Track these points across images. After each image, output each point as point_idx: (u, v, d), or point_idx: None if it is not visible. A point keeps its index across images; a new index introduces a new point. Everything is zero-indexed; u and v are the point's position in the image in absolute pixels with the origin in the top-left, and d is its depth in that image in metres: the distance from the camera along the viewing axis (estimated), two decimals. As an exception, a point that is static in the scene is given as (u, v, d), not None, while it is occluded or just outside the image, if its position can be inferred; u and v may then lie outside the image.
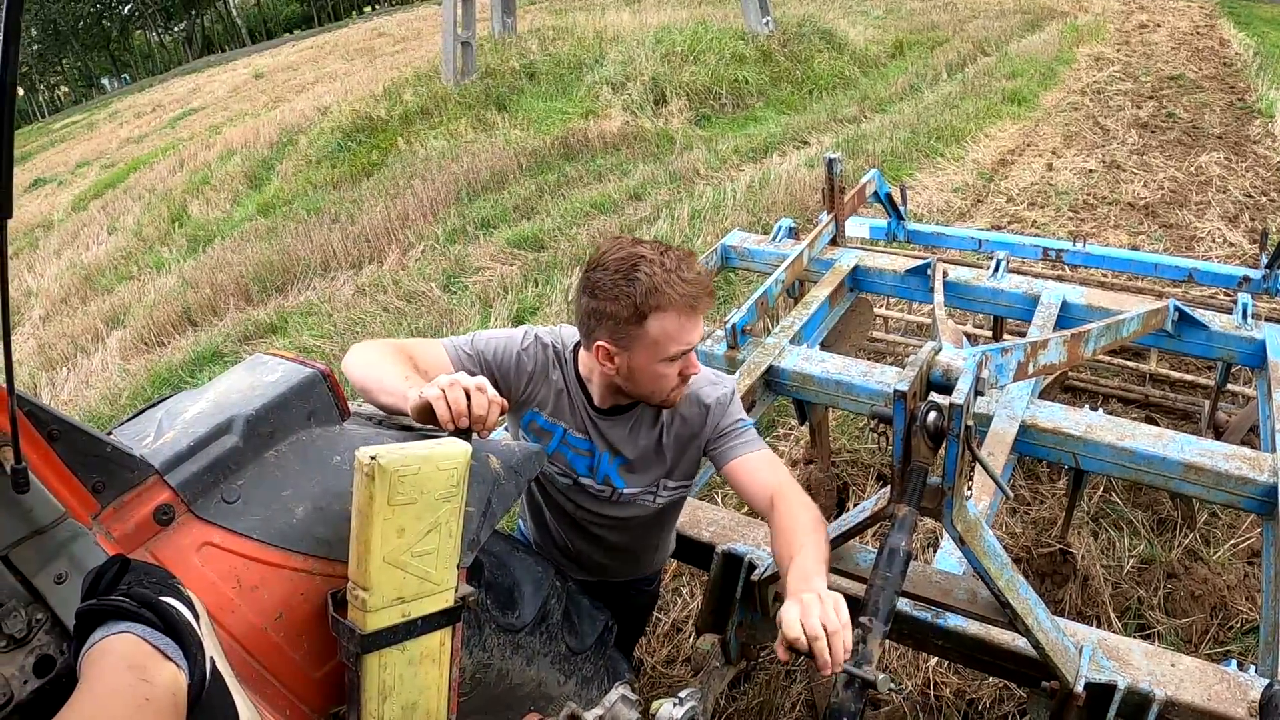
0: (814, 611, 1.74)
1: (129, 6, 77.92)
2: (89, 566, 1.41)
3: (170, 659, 1.28)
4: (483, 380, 1.87)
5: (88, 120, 39.87)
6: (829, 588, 1.84)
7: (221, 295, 10.04)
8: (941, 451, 1.88)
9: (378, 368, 2.10)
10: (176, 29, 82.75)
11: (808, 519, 2.13)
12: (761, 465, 2.35)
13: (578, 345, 2.43)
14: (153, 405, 1.92)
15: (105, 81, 75.98)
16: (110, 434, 1.72)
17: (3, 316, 1.27)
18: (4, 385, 1.29)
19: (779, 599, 2.67)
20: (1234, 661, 2.42)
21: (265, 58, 42.29)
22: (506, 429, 2.96)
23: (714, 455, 2.43)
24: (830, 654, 1.71)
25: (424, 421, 1.86)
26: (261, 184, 15.48)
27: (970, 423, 1.82)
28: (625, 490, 2.52)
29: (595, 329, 2.20)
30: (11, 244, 15.39)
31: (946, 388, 1.89)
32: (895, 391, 1.85)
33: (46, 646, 1.39)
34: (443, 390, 1.81)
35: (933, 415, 1.87)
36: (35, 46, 72.13)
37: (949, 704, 3.63)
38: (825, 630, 1.71)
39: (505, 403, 1.93)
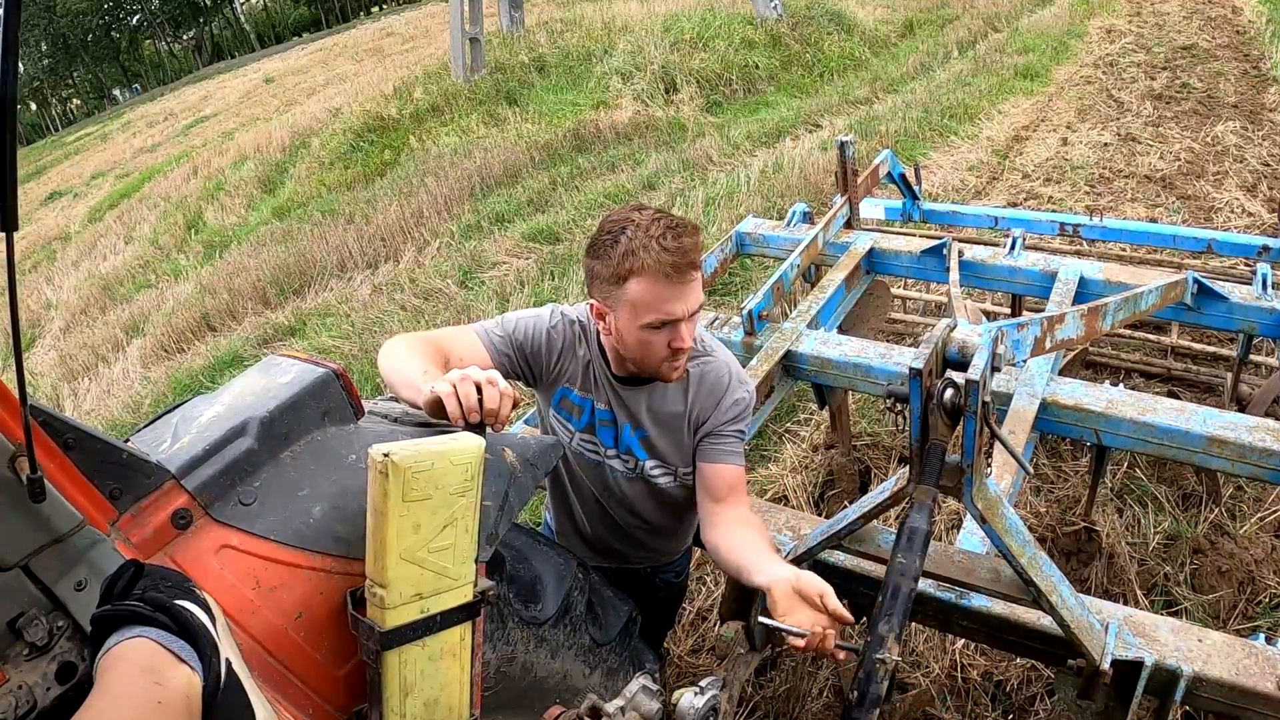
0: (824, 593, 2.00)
1: (137, 17, 78.30)
2: (108, 573, 1.41)
3: (184, 662, 1.28)
4: (494, 374, 1.86)
5: (101, 131, 40.19)
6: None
7: (239, 300, 10.09)
8: (959, 429, 1.86)
9: (402, 363, 2.12)
10: (185, 37, 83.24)
11: (759, 525, 2.39)
12: (734, 478, 2.45)
13: None
14: (169, 411, 1.92)
15: (117, 92, 76.54)
16: (128, 441, 1.72)
17: (14, 328, 1.28)
18: (18, 396, 1.29)
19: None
20: (1262, 635, 2.39)
21: (275, 62, 42.49)
22: (527, 422, 2.96)
23: (707, 447, 2.47)
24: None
25: (438, 416, 1.86)
26: (275, 188, 15.55)
27: (988, 399, 1.80)
28: (647, 463, 2.54)
29: (590, 286, 2.28)
30: (29, 257, 15.59)
31: (963, 364, 1.87)
32: (911, 369, 1.84)
33: (68, 653, 1.40)
34: (454, 386, 1.81)
35: (949, 392, 1.85)
36: (46, 61, 72.66)
37: (976, 686, 3.61)
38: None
39: (518, 395, 1.92)
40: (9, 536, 1.35)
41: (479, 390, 1.82)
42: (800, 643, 1.93)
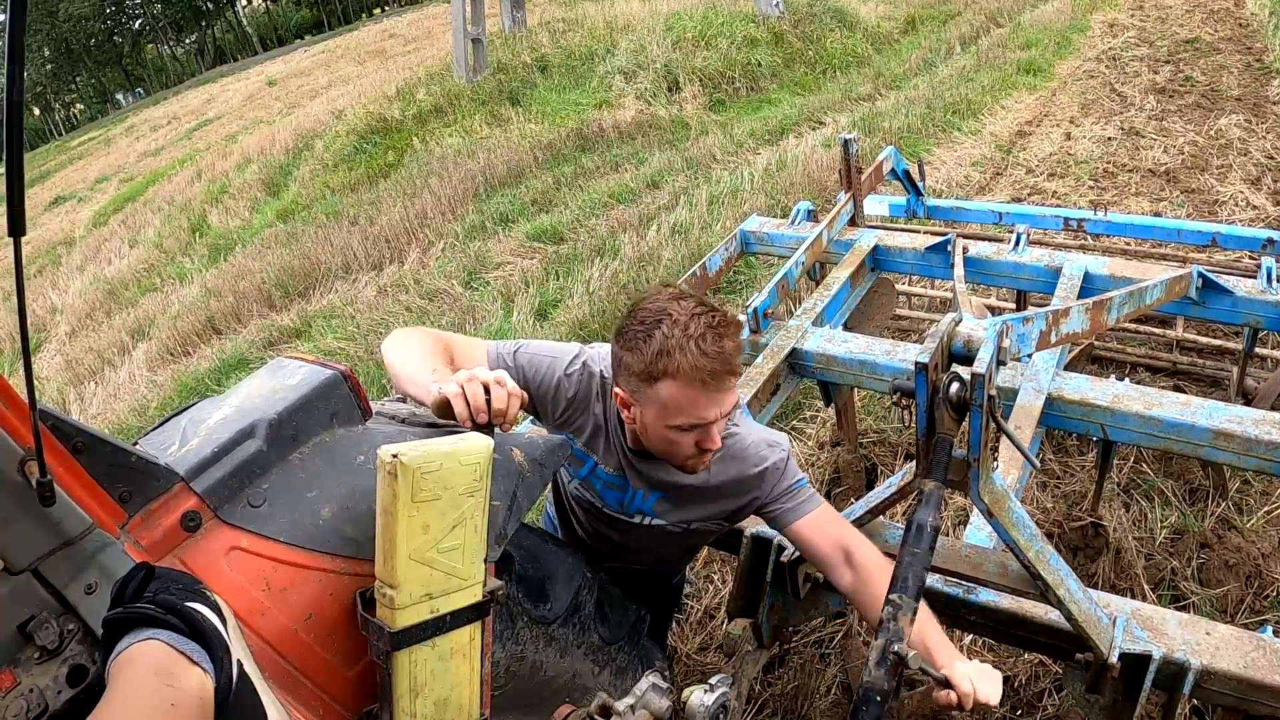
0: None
1: (139, 21, 78.39)
2: (119, 576, 1.42)
3: (196, 663, 1.29)
4: (502, 374, 1.86)
5: (104, 136, 40.25)
6: None
7: (244, 302, 10.11)
8: (965, 423, 1.87)
9: (410, 357, 2.10)
10: (188, 41, 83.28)
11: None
12: (827, 521, 2.29)
13: None
14: (177, 414, 1.93)
15: (120, 97, 76.55)
16: (136, 444, 1.73)
17: (22, 333, 1.28)
18: (27, 400, 1.30)
19: (809, 580, 2.67)
20: (1270, 628, 2.39)
21: (278, 65, 42.55)
22: (534, 422, 2.96)
23: (774, 517, 2.35)
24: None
25: (445, 417, 1.86)
26: (280, 190, 15.58)
27: (993, 392, 1.81)
28: (655, 521, 2.47)
29: (617, 374, 2.15)
30: (34, 262, 15.65)
31: (968, 359, 1.87)
32: (917, 364, 1.84)
33: (79, 656, 1.41)
34: (461, 386, 1.81)
35: (955, 386, 1.85)
36: (49, 66, 72.72)
37: (985, 681, 3.61)
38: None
39: (525, 396, 1.92)
40: (19, 540, 1.35)
41: (487, 391, 1.82)
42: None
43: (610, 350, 2.17)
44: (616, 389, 2.16)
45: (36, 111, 73.06)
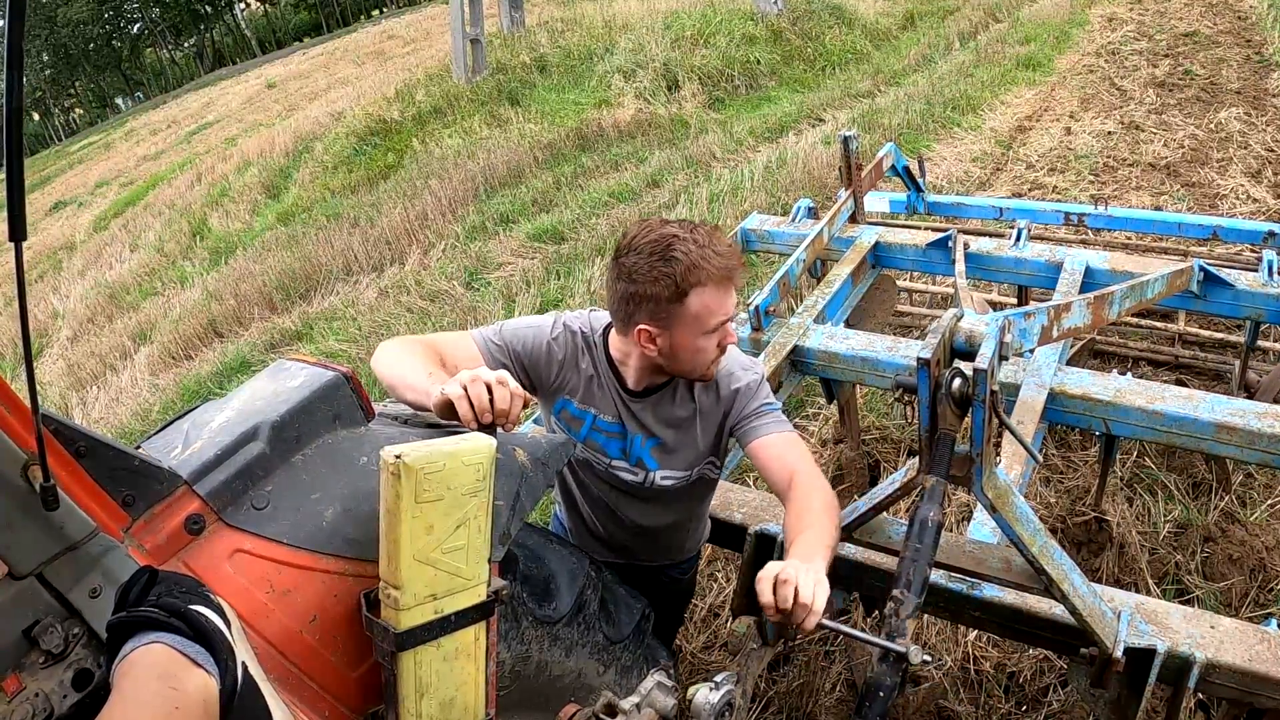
0: (790, 582, 1.82)
1: (138, 25, 78.37)
2: (122, 580, 1.42)
3: (200, 666, 1.29)
4: (504, 374, 1.86)
5: (104, 140, 40.22)
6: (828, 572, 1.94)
7: (246, 305, 10.10)
8: (968, 419, 1.86)
9: (403, 365, 2.11)
10: (187, 44, 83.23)
11: (820, 501, 2.19)
12: (785, 446, 2.37)
13: (607, 329, 2.45)
14: (179, 417, 1.93)
15: (119, 101, 76.49)
16: (139, 448, 1.73)
17: (24, 338, 1.29)
18: (29, 404, 1.30)
19: None
20: (1274, 621, 2.39)
21: (276, 67, 42.49)
22: (536, 422, 2.96)
23: (740, 434, 2.45)
24: (794, 623, 1.85)
25: (448, 418, 1.86)
26: (280, 193, 15.56)
27: (995, 388, 1.80)
28: (658, 472, 2.53)
29: (635, 313, 2.22)
30: (35, 267, 15.60)
31: (970, 354, 1.87)
32: (919, 359, 1.84)
33: (84, 660, 1.41)
34: (464, 387, 1.81)
35: (957, 382, 1.85)
36: (48, 71, 72.64)
37: (989, 678, 3.61)
38: (795, 601, 1.81)
39: (528, 395, 1.92)
40: (23, 545, 1.35)
41: (490, 391, 1.82)
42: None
43: (619, 294, 2.24)
44: (641, 327, 2.23)
45: (36, 116, 73.01)
